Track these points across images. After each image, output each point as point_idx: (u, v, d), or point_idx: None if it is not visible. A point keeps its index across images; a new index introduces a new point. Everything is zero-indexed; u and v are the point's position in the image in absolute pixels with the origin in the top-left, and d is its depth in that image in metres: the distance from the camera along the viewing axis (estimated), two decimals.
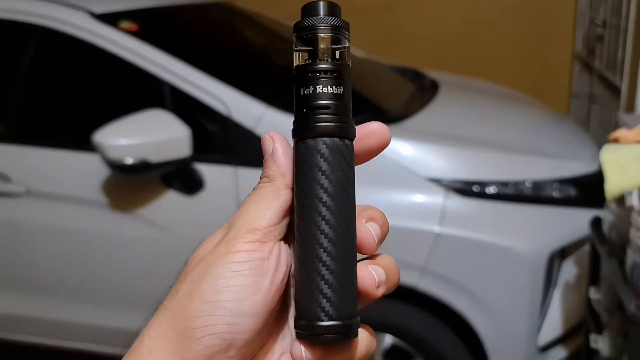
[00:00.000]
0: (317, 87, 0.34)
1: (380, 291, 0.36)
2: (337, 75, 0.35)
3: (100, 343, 1.95)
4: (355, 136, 0.36)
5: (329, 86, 0.35)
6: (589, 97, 3.21)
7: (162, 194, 1.76)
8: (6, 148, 1.91)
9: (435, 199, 1.65)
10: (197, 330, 0.33)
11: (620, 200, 1.45)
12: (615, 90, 2.61)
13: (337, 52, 0.35)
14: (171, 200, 1.76)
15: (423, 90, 2.34)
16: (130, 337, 0.37)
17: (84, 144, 1.73)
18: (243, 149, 1.73)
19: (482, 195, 1.69)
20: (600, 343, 1.50)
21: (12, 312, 1.96)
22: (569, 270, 1.79)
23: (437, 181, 1.68)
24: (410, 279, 1.62)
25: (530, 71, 3.65)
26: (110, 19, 1.91)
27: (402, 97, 2.26)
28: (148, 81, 1.81)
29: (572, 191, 1.76)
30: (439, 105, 2.11)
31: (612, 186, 1.41)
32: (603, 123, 2.87)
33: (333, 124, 0.34)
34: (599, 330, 1.56)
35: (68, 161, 1.85)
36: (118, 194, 1.80)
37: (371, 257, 0.38)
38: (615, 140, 1.56)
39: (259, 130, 1.72)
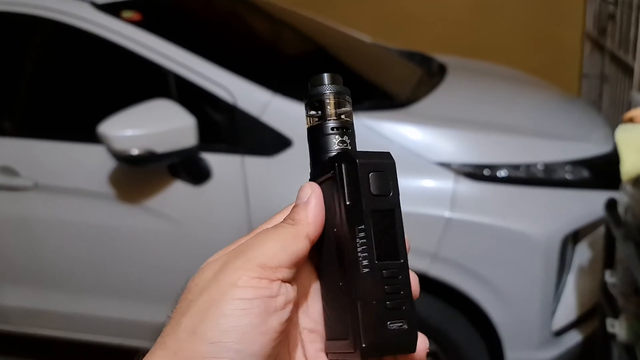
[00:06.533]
0: (329, 141, 0.40)
1: None
2: (344, 131, 0.40)
3: (111, 334, 1.95)
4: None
5: (339, 138, 0.40)
6: (600, 78, 3.15)
7: (169, 185, 1.75)
8: (13, 142, 1.90)
9: (445, 183, 1.63)
10: None
11: (637, 181, 1.41)
12: (627, 70, 2.57)
13: (342, 114, 0.40)
14: (178, 191, 1.74)
15: (431, 74, 2.30)
16: (141, 329, 0.35)
17: (90, 135, 1.72)
18: (249, 137, 1.71)
19: (493, 179, 1.66)
20: (617, 327, 1.48)
21: (21, 305, 1.97)
22: (582, 254, 1.77)
23: (446, 165, 1.65)
24: (421, 265, 1.60)
25: (540, 52, 3.59)
26: (113, 9, 1.89)
27: (410, 81, 2.23)
28: (152, 71, 1.79)
29: (584, 173, 1.73)
30: (447, 89, 2.08)
31: (628, 167, 1.38)
32: (615, 103, 2.82)
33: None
34: (615, 315, 1.54)
35: (75, 154, 1.84)
36: (125, 186, 1.79)
37: None
38: (630, 120, 1.52)
39: (265, 118, 1.70)
